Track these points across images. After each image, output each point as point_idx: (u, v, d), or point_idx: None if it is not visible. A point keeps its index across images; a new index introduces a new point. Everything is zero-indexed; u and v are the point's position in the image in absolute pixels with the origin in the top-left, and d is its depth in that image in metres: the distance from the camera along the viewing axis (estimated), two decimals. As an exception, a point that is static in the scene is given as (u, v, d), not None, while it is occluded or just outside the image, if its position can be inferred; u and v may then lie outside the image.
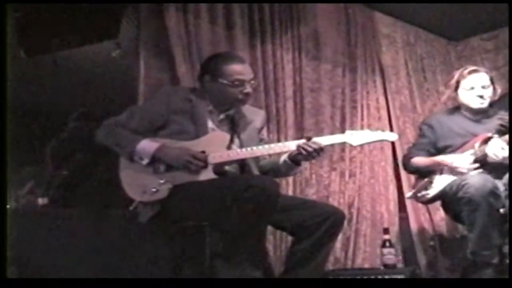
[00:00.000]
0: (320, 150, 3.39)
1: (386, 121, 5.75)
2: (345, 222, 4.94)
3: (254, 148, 3.41)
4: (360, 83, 5.66)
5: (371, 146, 5.39)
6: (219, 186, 3.21)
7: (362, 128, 5.30)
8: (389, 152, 5.60)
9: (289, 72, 5.09)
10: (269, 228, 3.99)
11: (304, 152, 3.36)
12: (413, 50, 6.51)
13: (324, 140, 3.47)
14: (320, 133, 4.98)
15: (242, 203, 3.02)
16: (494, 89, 4.31)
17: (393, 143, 5.52)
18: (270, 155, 3.56)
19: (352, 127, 5.19)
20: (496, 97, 4.32)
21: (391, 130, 5.65)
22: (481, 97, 4.24)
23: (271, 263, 4.24)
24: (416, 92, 6.27)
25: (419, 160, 4.35)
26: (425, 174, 4.30)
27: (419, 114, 6.04)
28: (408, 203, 5.47)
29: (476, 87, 4.25)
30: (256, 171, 3.55)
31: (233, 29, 4.77)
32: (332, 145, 3.67)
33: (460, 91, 4.32)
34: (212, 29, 4.65)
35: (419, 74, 6.45)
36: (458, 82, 4.33)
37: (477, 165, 4.05)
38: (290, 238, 3.60)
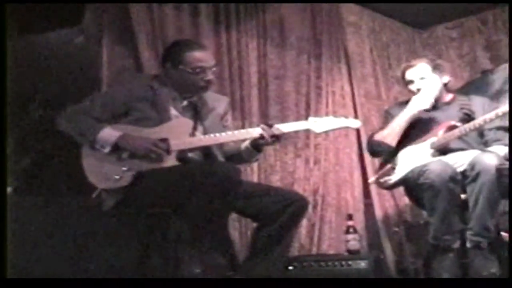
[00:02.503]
0: (281, 137, 3.43)
1: (351, 108, 5.75)
2: (310, 209, 5.05)
3: (217, 134, 3.44)
4: (325, 70, 5.66)
5: (336, 133, 5.37)
6: (182, 173, 3.23)
7: (327, 115, 5.29)
8: (354, 138, 5.61)
9: (253, 59, 5.07)
10: (235, 215, 4.03)
11: (266, 138, 3.39)
12: (379, 37, 6.53)
13: (287, 127, 3.51)
14: (284, 120, 4.97)
15: (204, 189, 3.04)
16: (441, 77, 4.32)
17: (358, 130, 5.55)
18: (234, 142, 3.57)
19: (317, 114, 5.20)
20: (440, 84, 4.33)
21: (356, 117, 5.66)
22: (420, 89, 4.27)
23: (237, 249, 4.25)
24: (381, 79, 6.29)
25: (382, 132, 4.36)
26: (387, 160, 4.33)
27: (384, 101, 6.06)
28: (373, 190, 5.49)
29: (415, 80, 4.30)
30: (220, 158, 3.56)
31: (198, 15, 4.74)
32: (296, 132, 3.69)
33: (407, 86, 4.39)
34: (177, 15, 4.62)
35: (384, 61, 6.47)
36: (403, 78, 4.40)
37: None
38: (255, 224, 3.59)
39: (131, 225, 3.48)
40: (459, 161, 3.96)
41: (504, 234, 4.59)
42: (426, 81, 4.27)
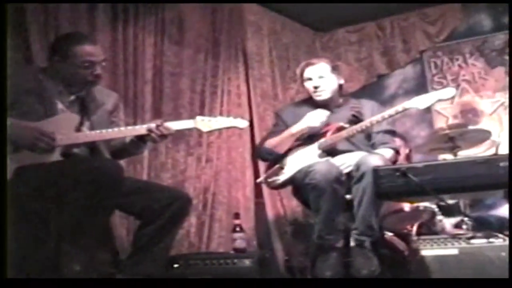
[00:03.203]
0: (168, 135, 3.43)
1: (246, 108, 5.79)
2: (201, 207, 5.04)
3: (104, 130, 3.38)
4: (222, 69, 5.67)
5: (229, 132, 5.41)
6: (64, 168, 3.16)
7: (221, 113, 5.35)
8: (247, 138, 5.64)
9: (149, 56, 5.01)
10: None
11: (154, 136, 3.38)
12: (279, 38, 6.59)
13: (174, 125, 3.50)
14: (178, 117, 4.96)
15: (85, 185, 2.99)
16: (337, 78, 4.38)
17: (251, 130, 5.59)
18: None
19: (212, 113, 5.23)
20: (336, 86, 4.40)
21: (251, 116, 5.73)
22: (317, 87, 4.32)
23: (124, 247, 4.21)
24: (279, 80, 6.35)
25: (272, 140, 4.41)
26: (276, 160, 4.37)
27: (280, 102, 6.12)
28: (265, 189, 5.53)
29: (313, 78, 4.34)
30: (106, 154, 3.51)
31: (95, 9, 4.65)
32: (189, 130, 3.69)
33: (304, 83, 4.41)
34: (72, 7, 4.50)
35: (283, 62, 6.54)
36: (301, 75, 4.42)
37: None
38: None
39: (11, 221, 3.38)
40: (345, 162, 4.04)
41: (389, 234, 4.75)
42: (324, 80, 4.32)
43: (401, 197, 2.92)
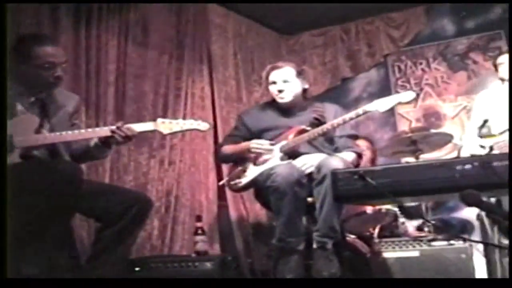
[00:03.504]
0: (132, 137, 3.41)
1: (210, 111, 5.78)
2: (163, 210, 5.03)
3: (64, 132, 3.35)
4: (186, 71, 5.65)
5: (193, 135, 5.39)
6: (22, 171, 3.12)
7: (184, 116, 5.34)
8: (211, 140, 5.63)
9: (113, 58, 4.97)
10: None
11: (117, 137, 3.36)
12: (244, 41, 6.60)
13: (134, 127, 3.48)
14: (141, 120, 4.91)
15: (44, 188, 2.96)
16: (302, 83, 4.39)
17: (215, 132, 5.59)
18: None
19: (175, 115, 5.22)
20: (300, 90, 4.41)
21: (215, 119, 5.73)
22: (281, 91, 4.32)
23: (85, 250, 4.16)
24: (243, 83, 6.37)
25: (227, 148, 4.43)
26: (238, 162, 4.37)
27: (244, 104, 6.13)
28: (228, 192, 5.51)
29: (278, 82, 4.33)
30: (66, 157, 3.47)
31: (57, 10, 4.60)
32: (152, 132, 3.68)
33: (268, 86, 4.40)
34: (35, 8, 4.45)
35: (247, 65, 6.55)
36: (266, 78, 4.42)
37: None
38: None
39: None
40: (307, 162, 4.05)
41: (352, 237, 4.77)
42: (288, 85, 4.32)
43: (359, 200, 2.93)
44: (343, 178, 2.61)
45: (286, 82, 4.33)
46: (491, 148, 4.65)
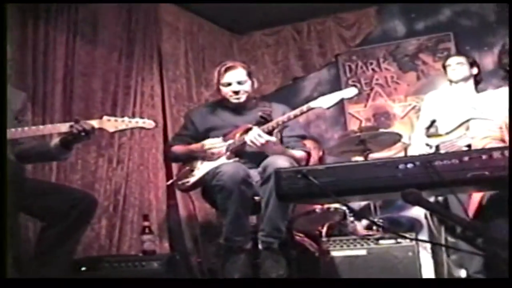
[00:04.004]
0: (90, 132, 3.38)
1: (160, 109, 5.74)
2: (111, 209, 4.97)
3: (13, 130, 3.31)
4: (136, 69, 5.60)
5: (142, 133, 5.36)
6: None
7: (133, 114, 5.29)
8: (160, 139, 5.58)
9: (61, 55, 4.88)
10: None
11: (75, 132, 3.34)
12: (195, 39, 6.57)
13: None
14: (89, 118, 4.86)
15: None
16: (253, 83, 4.41)
17: (165, 131, 5.56)
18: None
19: (124, 114, 5.14)
20: (251, 90, 4.42)
21: (165, 118, 5.70)
22: (237, 92, 4.32)
23: (28, 249, 4.10)
24: (194, 81, 6.34)
25: (177, 149, 4.42)
26: (186, 162, 4.36)
27: (194, 103, 6.10)
28: (178, 191, 5.45)
29: (233, 83, 4.33)
30: (11, 156, 3.41)
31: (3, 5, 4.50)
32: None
33: (220, 87, 4.38)
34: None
35: (198, 64, 6.52)
36: (218, 79, 4.40)
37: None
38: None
39: None
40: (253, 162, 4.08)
41: (301, 236, 4.78)
42: (242, 86, 4.32)
43: (303, 199, 2.92)
44: (286, 177, 2.60)
45: (240, 83, 4.33)
46: (438, 148, 4.72)
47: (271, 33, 7.39)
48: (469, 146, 4.32)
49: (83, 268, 3.98)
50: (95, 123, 3.49)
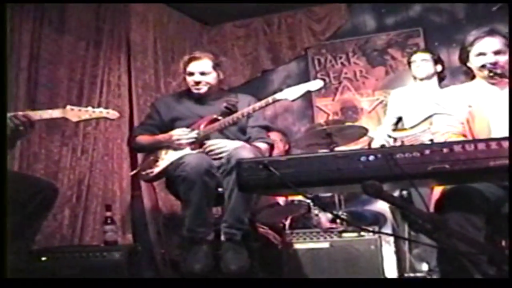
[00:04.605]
0: (31, 123, 3.33)
1: (126, 99, 5.68)
2: (74, 199, 4.92)
3: None
4: (104, 58, 5.53)
5: (107, 123, 5.30)
6: None
7: (99, 104, 5.24)
8: (125, 129, 5.53)
9: (26, 42, 4.80)
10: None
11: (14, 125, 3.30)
12: (165, 30, 6.52)
13: (41, 114, 3.41)
14: (54, 107, 4.84)
15: None
16: (218, 75, 4.39)
17: (131, 121, 5.53)
18: None
19: (90, 103, 5.10)
20: (216, 81, 4.41)
21: (131, 108, 5.65)
22: (198, 83, 4.33)
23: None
24: (162, 72, 6.29)
25: (143, 138, 4.39)
26: (151, 152, 4.34)
27: (162, 94, 6.04)
28: (143, 182, 5.43)
29: (195, 73, 4.33)
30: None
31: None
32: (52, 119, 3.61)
33: (186, 77, 4.39)
34: None
35: (167, 54, 6.47)
36: (184, 68, 4.39)
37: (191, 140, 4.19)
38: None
39: None
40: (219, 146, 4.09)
41: (264, 228, 4.79)
42: (205, 77, 4.31)
43: (264, 190, 2.90)
44: (248, 168, 2.59)
45: (203, 74, 4.33)
46: (402, 142, 4.75)
47: (241, 25, 7.35)
48: (432, 140, 4.35)
49: (43, 258, 3.94)
50: (58, 112, 3.45)
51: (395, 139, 4.81)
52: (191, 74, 4.35)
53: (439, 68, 5.15)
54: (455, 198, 2.86)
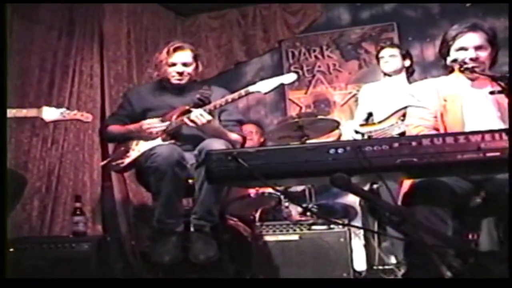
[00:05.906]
0: None
1: (98, 89, 5.64)
2: (44, 190, 4.89)
3: None
4: (76, 48, 5.50)
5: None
6: None
7: (71, 94, 5.21)
8: (96, 120, 5.44)
9: (-4, 30, 4.78)
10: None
11: None
12: (139, 20, 6.48)
13: (15, 113, 3.42)
14: (24, 96, 4.83)
15: None
16: (197, 66, 4.38)
17: (103, 112, 5.50)
18: None
19: (61, 93, 5.12)
20: (195, 72, 4.39)
21: (103, 98, 5.62)
22: (180, 74, 4.30)
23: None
24: (135, 62, 6.25)
25: (114, 128, 4.37)
26: (122, 142, 4.32)
27: (134, 85, 6.01)
28: (113, 173, 5.41)
29: (178, 63, 4.30)
30: None
31: None
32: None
33: (165, 66, 4.32)
34: None
35: (141, 44, 6.43)
36: (166, 58, 4.32)
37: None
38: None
39: None
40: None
41: (234, 220, 4.79)
42: (187, 68, 4.30)
43: (233, 181, 2.90)
44: (216, 159, 2.58)
45: (185, 65, 4.32)
46: (370, 137, 4.78)
47: (216, 17, 7.33)
48: (402, 134, 4.39)
49: (11, 249, 3.92)
50: (33, 112, 3.46)
51: (362, 134, 4.84)
52: (173, 64, 4.30)
53: (407, 63, 5.20)
54: (422, 191, 2.88)
